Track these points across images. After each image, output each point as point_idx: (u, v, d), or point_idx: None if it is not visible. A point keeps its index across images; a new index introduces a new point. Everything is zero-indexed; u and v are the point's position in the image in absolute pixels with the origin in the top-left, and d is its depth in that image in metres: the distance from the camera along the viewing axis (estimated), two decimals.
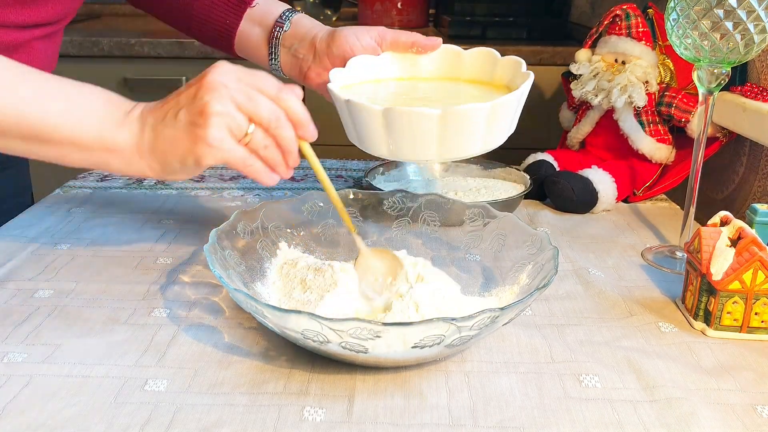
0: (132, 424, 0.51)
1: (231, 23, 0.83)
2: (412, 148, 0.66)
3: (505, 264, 0.69)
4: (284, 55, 0.82)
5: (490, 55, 0.77)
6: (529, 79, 0.69)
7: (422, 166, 1.02)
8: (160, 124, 0.61)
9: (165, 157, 0.61)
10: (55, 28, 0.83)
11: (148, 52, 1.61)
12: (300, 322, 0.53)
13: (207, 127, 0.58)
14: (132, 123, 0.62)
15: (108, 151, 0.62)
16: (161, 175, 0.63)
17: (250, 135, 0.60)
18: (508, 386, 0.57)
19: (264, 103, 0.60)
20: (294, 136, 0.62)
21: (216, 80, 0.59)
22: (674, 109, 0.96)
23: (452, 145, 0.65)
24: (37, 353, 0.59)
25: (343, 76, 0.75)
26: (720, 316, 0.64)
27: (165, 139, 0.61)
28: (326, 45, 0.78)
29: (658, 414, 0.53)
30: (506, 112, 0.66)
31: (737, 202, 0.98)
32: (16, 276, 0.73)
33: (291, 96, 0.61)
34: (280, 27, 0.82)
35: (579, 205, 0.93)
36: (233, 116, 0.59)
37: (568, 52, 1.59)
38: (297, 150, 0.63)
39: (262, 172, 0.62)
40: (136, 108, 0.63)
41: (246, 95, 0.59)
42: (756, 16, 0.68)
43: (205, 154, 0.59)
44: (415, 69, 0.80)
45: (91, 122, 0.61)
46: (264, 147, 0.61)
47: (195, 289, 0.71)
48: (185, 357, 0.59)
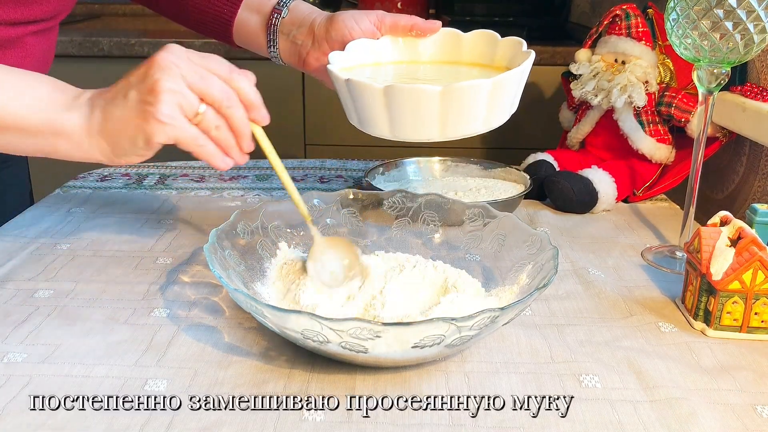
0: (132, 424, 0.51)
1: (228, 12, 0.83)
2: (413, 126, 0.65)
3: (505, 264, 0.69)
4: (283, 41, 0.82)
5: (490, 36, 0.76)
6: (530, 57, 0.68)
7: (422, 166, 1.02)
8: (110, 105, 0.60)
9: (115, 137, 0.61)
10: (50, 24, 0.83)
11: (148, 52, 1.61)
12: (300, 322, 0.53)
13: (157, 104, 0.58)
14: (81, 106, 0.61)
15: (56, 135, 0.61)
16: (112, 157, 0.62)
17: (201, 114, 0.60)
18: (508, 386, 0.57)
19: (215, 83, 0.60)
20: (246, 117, 0.62)
21: (167, 59, 0.59)
22: (674, 109, 0.96)
23: (454, 124, 0.64)
24: (37, 353, 0.59)
25: (342, 58, 0.75)
26: (720, 316, 0.64)
27: (115, 119, 0.60)
28: (325, 30, 0.78)
29: (658, 414, 0.53)
30: (508, 90, 0.65)
31: (737, 202, 0.98)
32: (16, 276, 0.73)
33: (243, 78, 0.61)
34: (278, 13, 0.81)
35: (579, 205, 0.93)
36: (184, 94, 0.59)
37: (568, 52, 1.59)
38: (250, 133, 0.63)
39: (215, 154, 0.62)
40: (84, 93, 0.63)
41: (197, 74, 0.59)
42: (756, 16, 0.68)
43: (155, 132, 0.59)
44: (415, 52, 0.79)
45: (37, 106, 0.61)
46: (215, 127, 0.61)
47: (195, 289, 0.71)
48: (185, 357, 0.59)
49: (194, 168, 1.11)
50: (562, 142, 1.13)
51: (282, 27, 0.81)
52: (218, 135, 0.61)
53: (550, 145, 1.17)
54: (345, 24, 0.77)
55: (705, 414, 0.53)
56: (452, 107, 0.63)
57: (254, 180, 1.05)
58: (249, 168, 1.11)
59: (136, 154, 0.62)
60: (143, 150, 0.61)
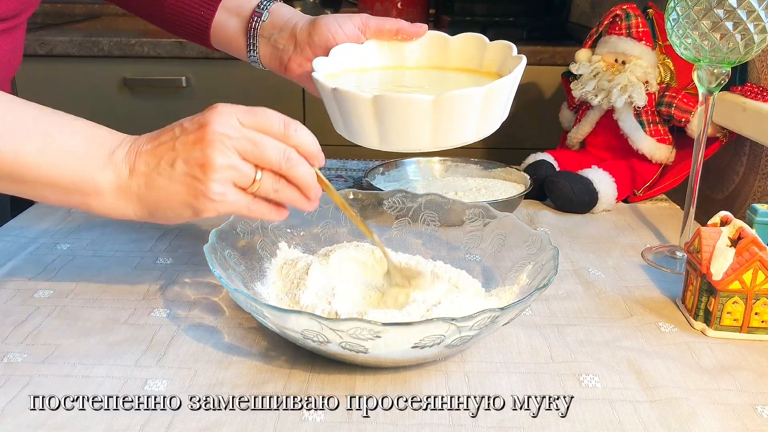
0: (132, 424, 0.51)
1: (206, 14, 0.80)
2: (404, 137, 0.64)
3: (505, 264, 0.69)
4: (263, 46, 0.79)
5: (478, 40, 0.74)
6: (522, 63, 0.66)
7: (422, 166, 1.02)
8: (154, 172, 0.56)
9: (158, 206, 0.57)
10: (14, 23, 0.78)
11: (148, 52, 1.61)
12: (300, 322, 0.53)
13: (209, 183, 0.55)
14: (118, 165, 0.57)
15: (88, 195, 0.57)
16: (149, 220, 0.59)
17: (258, 182, 0.57)
18: (508, 386, 0.57)
19: (271, 147, 0.56)
20: (309, 171, 0.58)
21: (215, 132, 0.55)
22: (674, 109, 0.96)
23: (445, 133, 0.63)
24: (37, 353, 0.59)
25: (326, 65, 0.72)
26: (720, 316, 0.64)
27: (159, 189, 0.57)
28: (307, 34, 0.75)
29: (658, 414, 0.53)
30: (500, 97, 0.64)
31: (737, 202, 0.98)
32: (16, 276, 0.73)
33: (300, 131, 0.58)
34: (258, 17, 0.78)
35: (579, 205, 0.93)
36: (238, 168, 0.55)
37: (568, 52, 1.59)
38: (315, 182, 0.59)
39: (267, 213, 0.59)
40: (122, 145, 0.58)
41: (250, 141, 0.56)
42: (756, 16, 0.68)
43: (206, 209, 0.56)
44: (401, 57, 0.77)
45: (70, 164, 0.56)
46: (274, 191, 0.58)
47: (195, 289, 0.71)
48: (185, 357, 0.59)
49: None
50: (562, 142, 1.13)
51: (262, 31, 0.79)
52: (278, 197, 0.58)
53: (550, 145, 1.17)
54: (328, 28, 0.74)
55: (705, 414, 0.53)
56: (444, 117, 0.61)
57: None
58: None
59: (179, 221, 0.59)
60: (188, 219, 0.58)
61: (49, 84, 1.60)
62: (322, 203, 0.76)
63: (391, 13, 1.89)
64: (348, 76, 0.74)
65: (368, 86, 0.72)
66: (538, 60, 1.60)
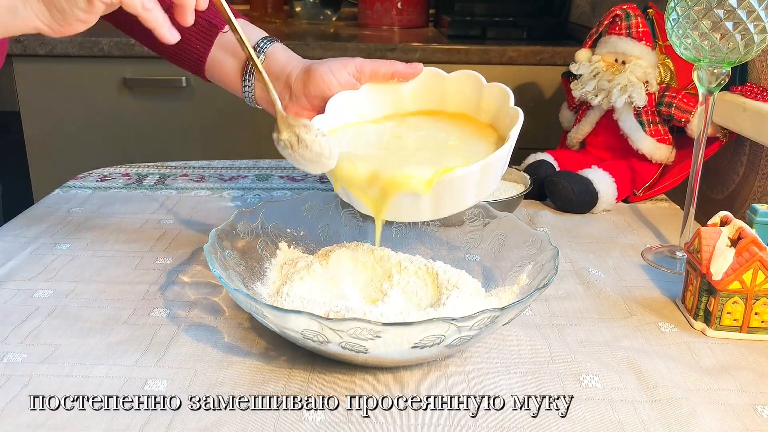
0: (132, 424, 0.51)
1: (201, 49, 0.79)
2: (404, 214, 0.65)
3: (505, 264, 0.69)
4: (259, 89, 0.78)
5: (475, 80, 0.72)
6: (518, 124, 0.65)
7: None
8: None
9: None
10: None
11: (148, 52, 1.59)
12: (300, 322, 0.53)
13: None
14: None
15: None
16: (51, 23, 0.58)
17: None
18: (508, 386, 0.57)
19: None
20: None
21: None
22: (674, 109, 0.96)
23: (445, 206, 0.64)
24: (37, 353, 0.59)
25: (324, 121, 0.71)
26: (720, 316, 0.64)
27: None
28: (302, 85, 0.74)
29: (658, 414, 0.53)
30: (496, 166, 0.64)
31: (737, 202, 0.98)
32: (16, 276, 0.73)
33: None
34: None
35: (579, 205, 0.93)
36: None
37: (568, 52, 1.59)
38: None
39: (162, 23, 0.59)
40: None
41: None
42: (756, 16, 0.68)
43: None
44: (399, 101, 0.75)
45: None
46: None
47: (195, 289, 0.71)
48: (185, 357, 0.59)
49: (194, 168, 1.11)
50: (562, 142, 1.13)
51: (258, 75, 0.75)
52: None
53: (550, 145, 1.17)
54: (323, 79, 0.72)
55: (705, 414, 0.53)
56: (443, 195, 0.62)
57: (254, 180, 1.05)
58: (249, 168, 1.11)
59: (77, 18, 0.58)
60: (84, 12, 0.57)
61: (49, 84, 1.60)
62: (323, 203, 0.76)
63: (391, 13, 1.89)
64: (346, 132, 0.72)
65: (365, 146, 0.70)
66: (538, 60, 1.60)
